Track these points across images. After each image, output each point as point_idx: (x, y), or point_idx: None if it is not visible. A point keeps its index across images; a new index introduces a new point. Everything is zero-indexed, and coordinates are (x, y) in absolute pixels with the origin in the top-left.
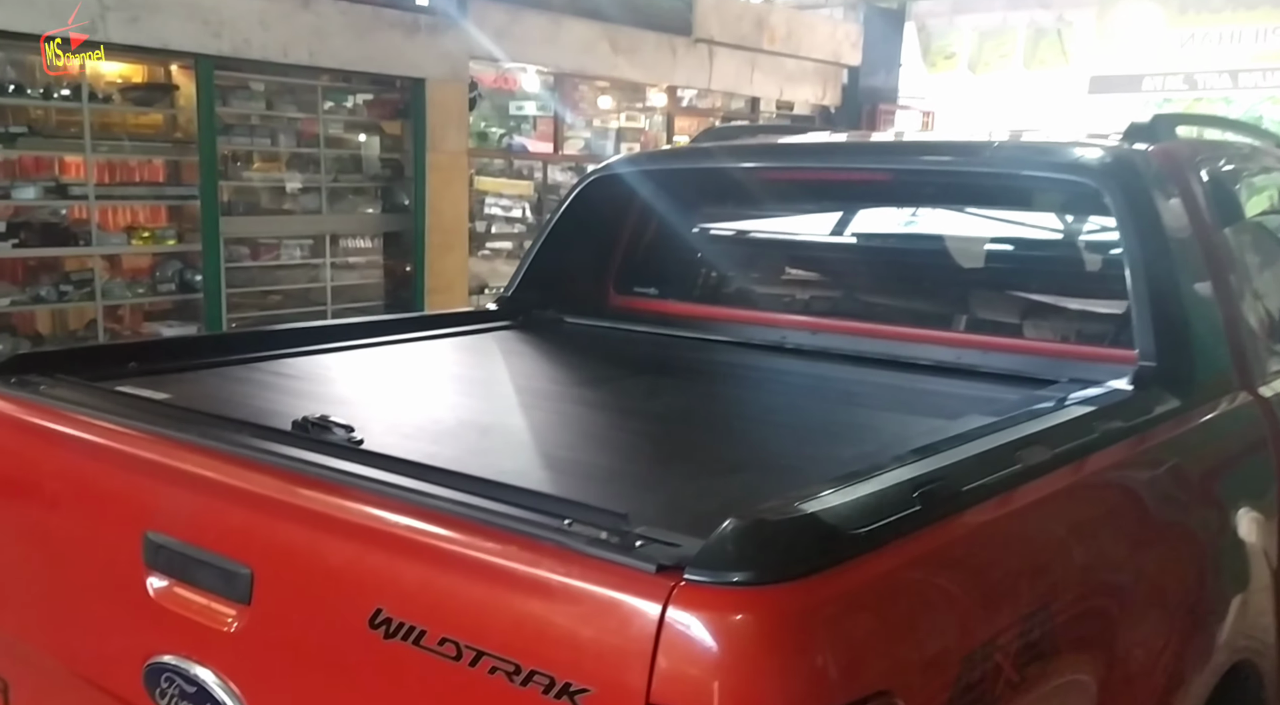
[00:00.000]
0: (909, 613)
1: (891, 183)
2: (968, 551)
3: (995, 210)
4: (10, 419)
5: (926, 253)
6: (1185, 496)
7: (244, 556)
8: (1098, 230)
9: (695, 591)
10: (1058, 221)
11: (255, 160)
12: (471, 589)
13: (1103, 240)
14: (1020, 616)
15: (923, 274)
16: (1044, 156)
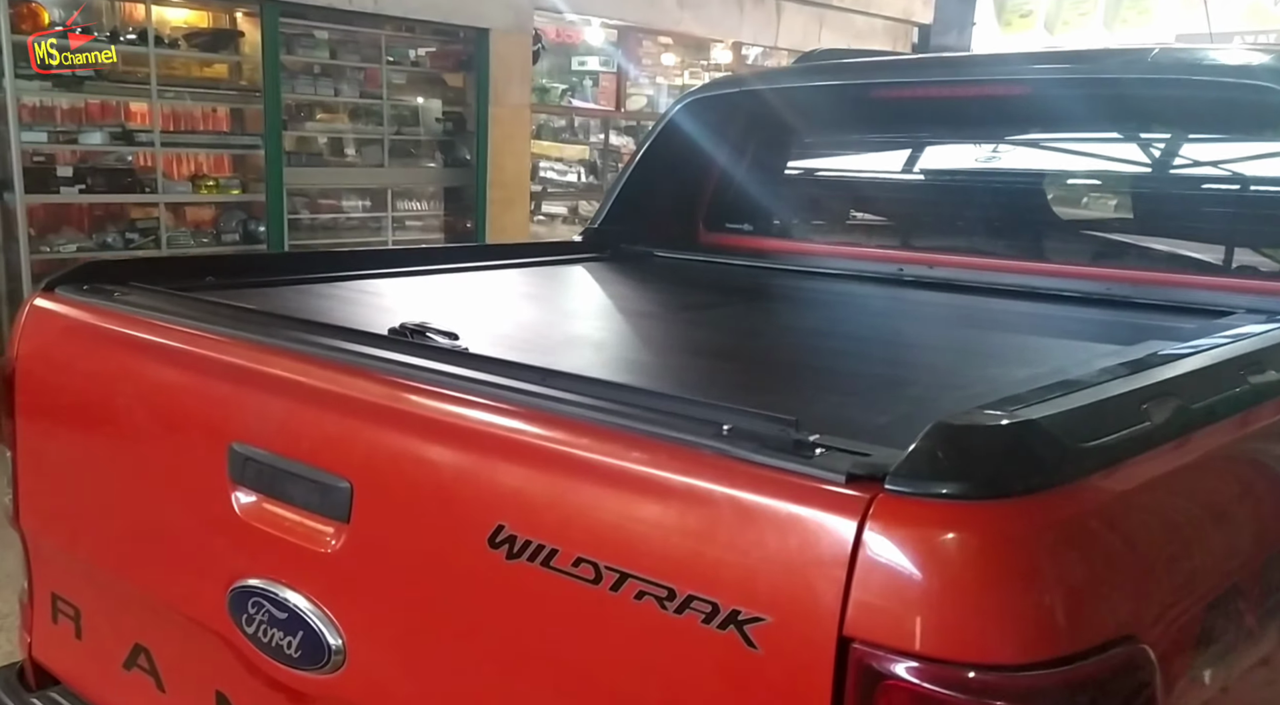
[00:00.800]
0: (1151, 544)
1: (1030, 99)
2: (1208, 477)
3: (1151, 130)
4: (83, 325)
5: (1063, 180)
6: None
7: (342, 469)
8: (1269, 150)
9: (900, 505)
10: (1222, 141)
11: (318, 111)
12: (615, 503)
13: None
14: (1267, 556)
15: (1058, 203)
16: (1223, 62)
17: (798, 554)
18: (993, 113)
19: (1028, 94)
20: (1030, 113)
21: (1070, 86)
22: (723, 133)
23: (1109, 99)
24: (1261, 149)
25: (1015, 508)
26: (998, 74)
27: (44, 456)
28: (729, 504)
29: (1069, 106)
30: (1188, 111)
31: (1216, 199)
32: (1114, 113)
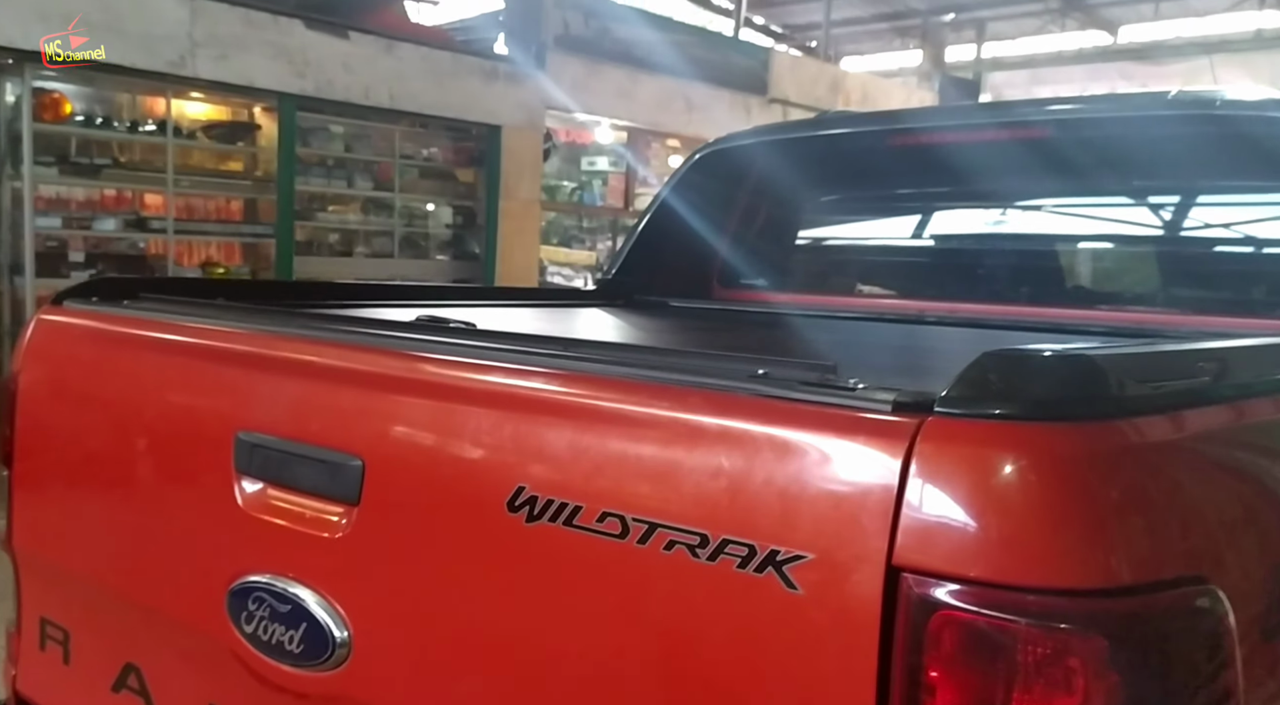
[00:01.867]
0: (1215, 493)
1: (1063, 142)
2: (1269, 442)
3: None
4: (92, 331)
5: (1087, 225)
6: None
7: (353, 447)
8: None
9: (951, 426)
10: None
11: (330, 203)
12: (638, 454)
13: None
14: None
15: (1085, 250)
16: (1252, 98)
17: (840, 486)
18: (1014, 158)
19: (1050, 137)
20: (1053, 157)
21: (1096, 127)
22: (740, 184)
23: (1138, 141)
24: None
25: (1075, 431)
26: (1018, 118)
27: (44, 472)
28: (765, 442)
29: (1101, 157)
30: (1214, 151)
31: (1241, 243)
32: (1144, 155)
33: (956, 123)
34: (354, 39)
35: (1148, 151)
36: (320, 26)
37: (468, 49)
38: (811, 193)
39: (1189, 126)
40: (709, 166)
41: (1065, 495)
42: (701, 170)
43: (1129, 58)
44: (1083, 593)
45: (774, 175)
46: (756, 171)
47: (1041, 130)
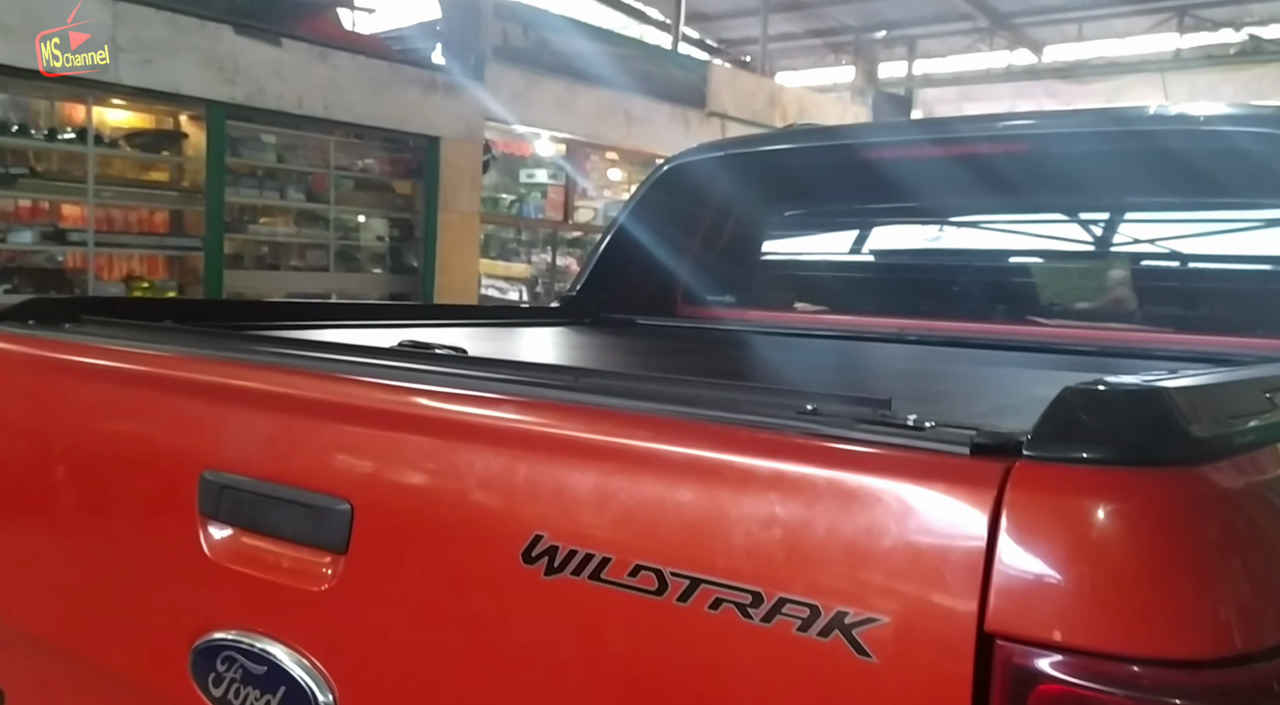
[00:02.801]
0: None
1: (1029, 156)
2: None
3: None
4: (29, 358)
5: (1062, 241)
6: None
7: (340, 489)
8: None
9: (1043, 472)
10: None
11: (262, 214)
12: (677, 500)
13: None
14: None
15: (1063, 266)
16: (1233, 113)
17: (918, 539)
18: (985, 174)
19: (1023, 152)
20: (1027, 172)
21: (1069, 142)
22: (701, 200)
23: (1109, 154)
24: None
25: (1185, 476)
26: (989, 132)
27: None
28: (826, 488)
29: (1073, 170)
30: (1193, 167)
31: (1228, 260)
32: (1114, 168)
33: (923, 137)
34: (286, 46)
35: (1127, 167)
36: (251, 33)
37: (405, 58)
38: (774, 208)
39: (1170, 141)
40: (671, 182)
41: (1180, 551)
42: (663, 186)
43: (1054, 76)
44: (1203, 663)
45: (735, 191)
46: (718, 187)
47: (1014, 145)
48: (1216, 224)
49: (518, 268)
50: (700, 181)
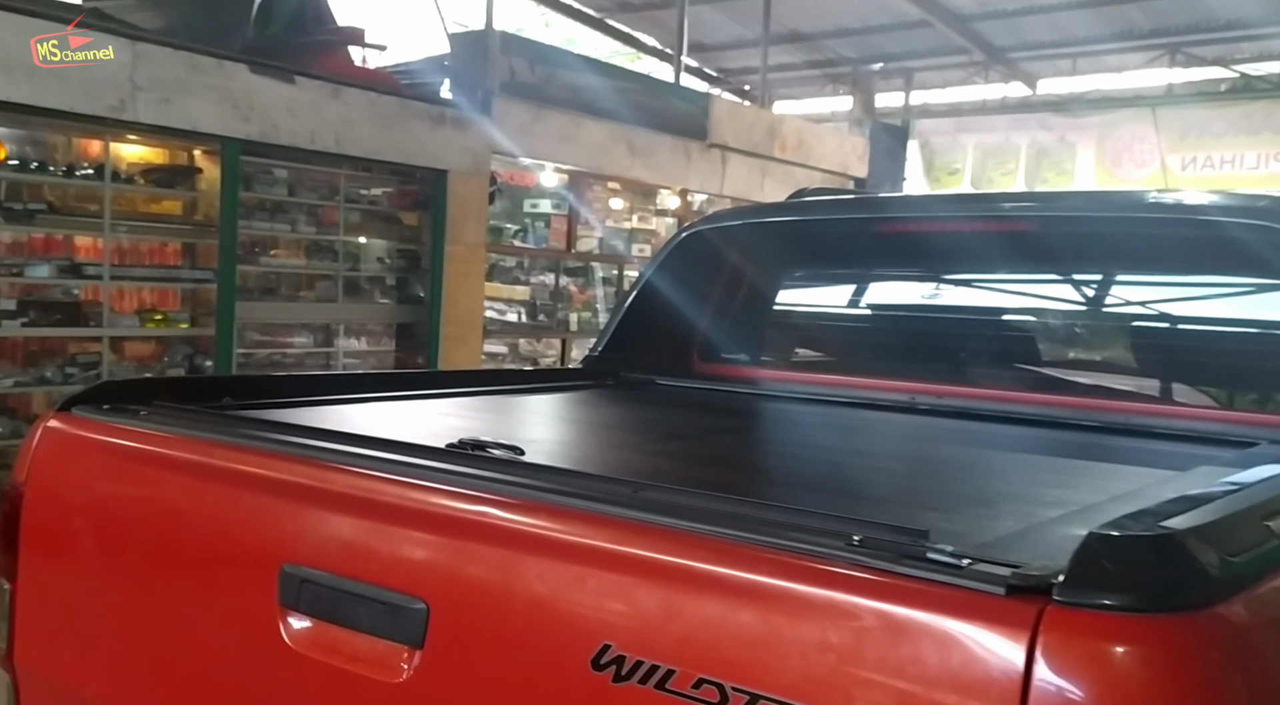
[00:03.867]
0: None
1: (1036, 236)
2: None
3: (1147, 268)
4: (109, 446)
5: (1067, 314)
6: None
7: (417, 589)
8: (1268, 287)
9: (1071, 618)
10: (1220, 277)
11: (273, 246)
12: (738, 620)
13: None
14: None
15: (1068, 337)
16: (1226, 204)
17: (960, 669)
18: (991, 249)
19: (1030, 231)
20: (1034, 249)
21: (1070, 226)
22: (718, 265)
23: (1111, 238)
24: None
25: (1195, 621)
26: (994, 211)
27: (53, 587)
28: (875, 619)
29: (1063, 245)
30: (1191, 251)
31: (1227, 336)
32: (1116, 251)
33: (916, 213)
34: (300, 83)
35: (1131, 247)
36: (265, 71)
37: (415, 94)
38: (782, 273)
39: (1168, 227)
40: (690, 247)
41: (1192, 687)
42: (681, 252)
43: (1048, 109)
44: None
45: (750, 256)
46: (731, 253)
47: (1015, 223)
48: (1200, 302)
49: (518, 290)
50: (714, 248)
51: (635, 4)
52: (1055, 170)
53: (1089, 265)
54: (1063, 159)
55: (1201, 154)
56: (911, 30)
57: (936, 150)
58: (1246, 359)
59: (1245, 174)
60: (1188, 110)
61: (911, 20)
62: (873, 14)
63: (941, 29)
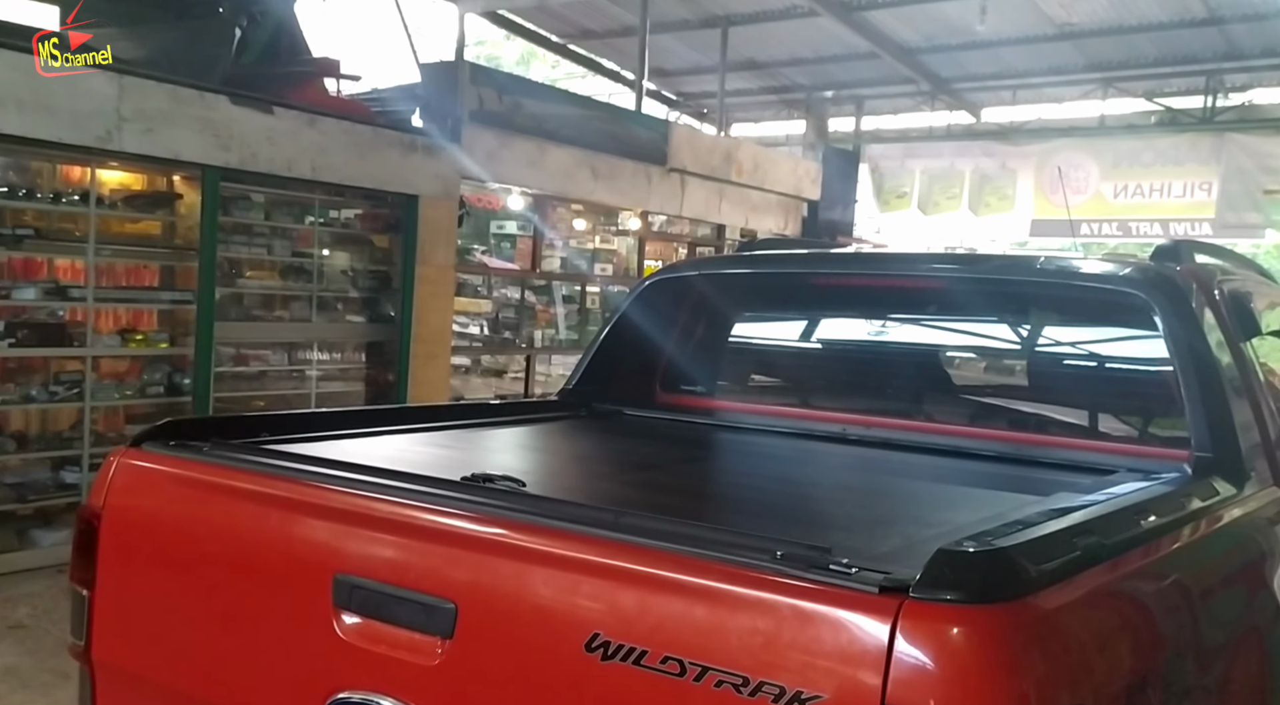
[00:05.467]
0: (1088, 642)
1: (942, 291)
2: (1121, 592)
3: (1039, 320)
4: (182, 477)
5: (973, 357)
6: (1249, 581)
7: (447, 593)
8: (1131, 339)
9: (921, 608)
10: (1095, 331)
11: (250, 268)
12: (693, 613)
13: (1138, 347)
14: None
15: (970, 377)
16: (1096, 270)
17: (847, 646)
18: (908, 300)
19: (939, 288)
20: (939, 301)
21: (972, 284)
22: (677, 309)
23: (1004, 294)
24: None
25: (1005, 610)
26: (910, 271)
27: (130, 593)
28: (792, 611)
29: (968, 299)
30: (1067, 308)
31: (1098, 378)
32: (1009, 305)
33: (856, 270)
34: (278, 113)
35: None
36: (245, 102)
37: (387, 122)
38: (734, 317)
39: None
40: (652, 294)
41: (1002, 658)
42: (646, 297)
43: (991, 137)
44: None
45: (708, 301)
46: (689, 299)
47: (927, 281)
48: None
49: (480, 303)
50: (672, 296)
51: (597, 31)
52: (997, 195)
53: (991, 317)
54: (1004, 185)
55: (1132, 182)
56: (862, 61)
57: (885, 174)
58: (1113, 397)
59: (1172, 201)
60: (1119, 141)
61: (862, 52)
62: (825, 45)
63: (890, 61)
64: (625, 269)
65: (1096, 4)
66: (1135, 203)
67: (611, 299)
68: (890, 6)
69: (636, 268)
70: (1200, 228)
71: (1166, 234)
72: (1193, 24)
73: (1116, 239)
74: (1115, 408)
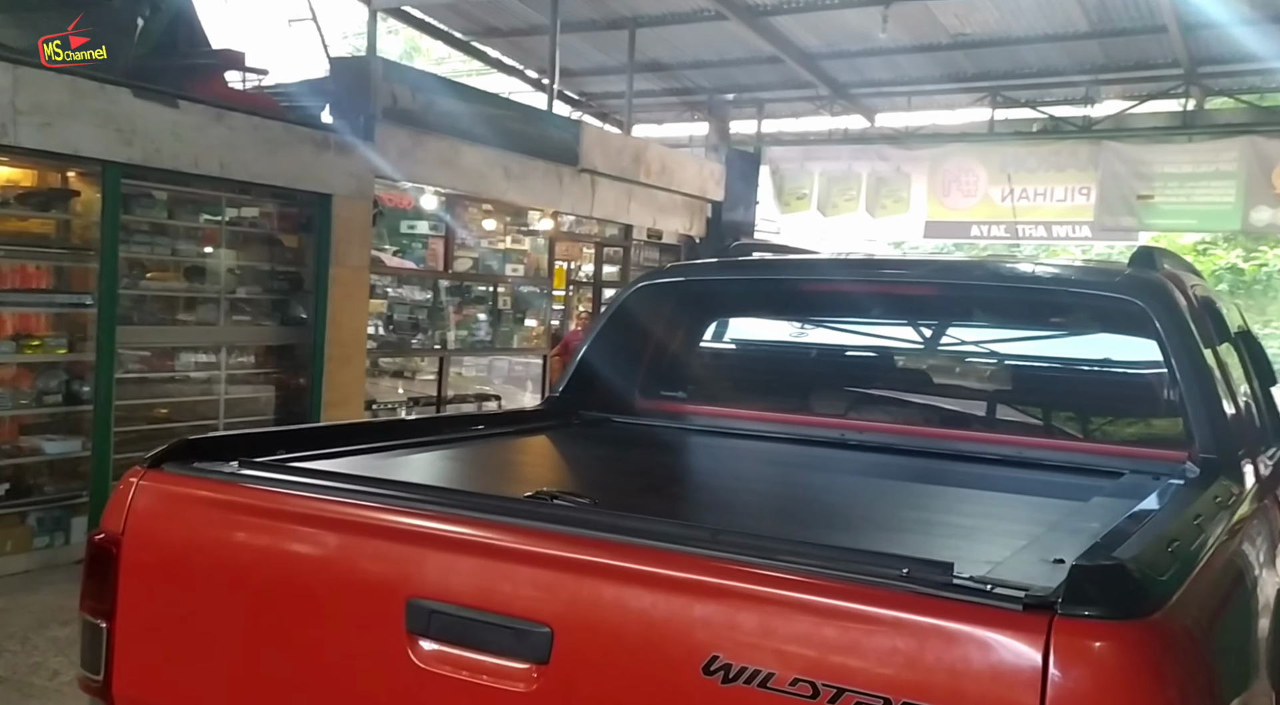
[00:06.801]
0: (1213, 649)
1: (934, 298)
2: (1219, 596)
3: (1029, 326)
4: (217, 500)
5: (966, 361)
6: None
7: (540, 616)
8: (1121, 343)
9: (1073, 626)
10: (1086, 335)
11: (154, 269)
12: (823, 633)
13: (1129, 351)
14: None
15: (963, 381)
16: (1091, 277)
17: (998, 666)
18: (885, 306)
19: (930, 295)
20: (933, 308)
21: (962, 290)
22: (661, 313)
23: (994, 301)
24: (1123, 346)
25: (1149, 624)
26: (906, 278)
27: (159, 624)
28: (932, 630)
29: (960, 306)
30: (1059, 315)
31: (1092, 382)
32: (999, 312)
33: (856, 276)
34: (184, 108)
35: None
36: (149, 95)
37: (299, 119)
38: (719, 321)
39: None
40: (637, 300)
41: (1153, 672)
42: (630, 304)
43: (885, 141)
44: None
45: (691, 308)
46: (679, 303)
47: (927, 289)
48: (1075, 352)
49: (375, 303)
50: (660, 299)
51: (503, 29)
52: (892, 198)
53: (981, 322)
54: (899, 188)
55: (1018, 186)
56: (764, 65)
57: (786, 176)
58: (1106, 401)
59: (1055, 205)
60: (1006, 147)
61: (764, 56)
62: (729, 48)
63: (791, 65)
64: (536, 269)
65: (988, 15)
66: (1021, 205)
67: (523, 299)
68: (795, 12)
69: (547, 268)
70: (1080, 230)
71: (1050, 236)
72: (1075, 37)
73: (1005, 240)
74: (1109, 410)
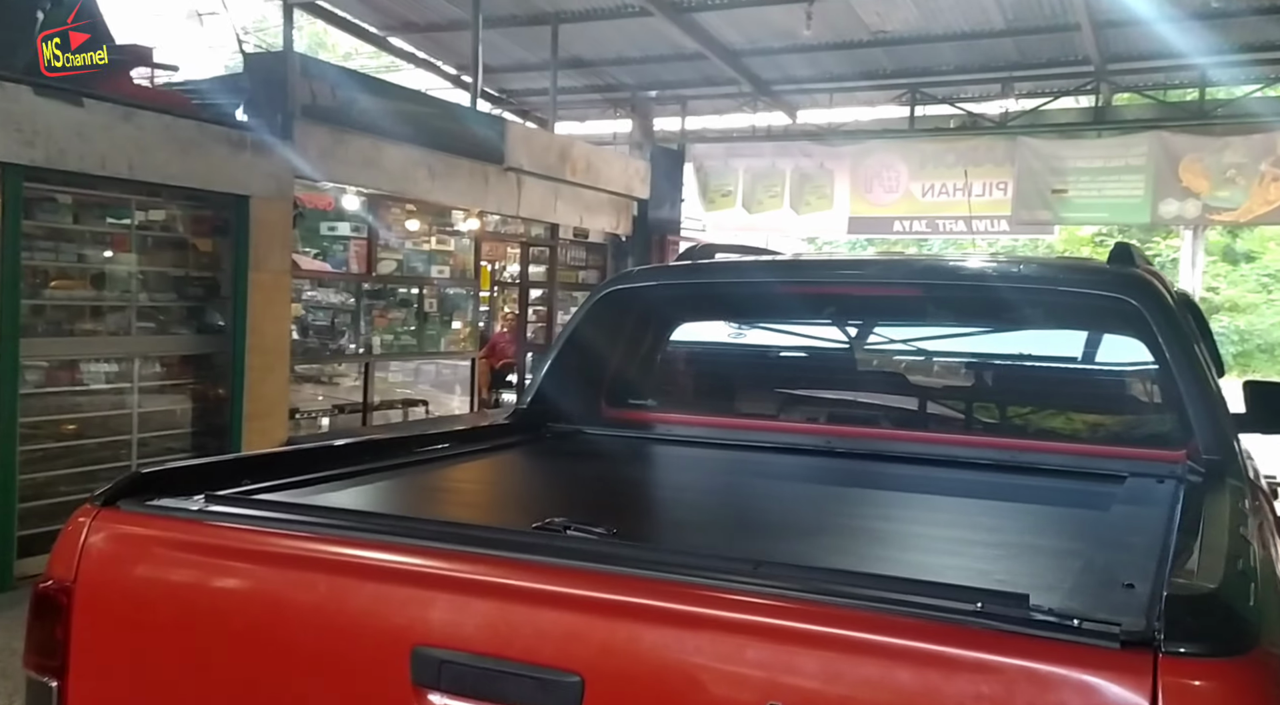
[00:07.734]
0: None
1: (920, 299)
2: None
3: (1015, 326)
4: (184, 542)
5: (952, 361)
6: None
7: (568, 664)
8: (1110, 342)
9: (1180, 666)
10: (1077, 335)
11: (59, 277)
12: (896, 678)
13: (1118, 350)
14: None
15: (948, 382)
16: (1082, 275)
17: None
18: (864, 308)
19: (915, 295)
20: (918, 310)
21: (946, 291)
22: (627, 319)
23: (982, 301)
24: (1120, 344)
25: (1252, 661)
26: (866, 277)
27: (120, 682)
28: (1019, 672)
29: (943, 307)
30: (1050, 314)
31: (1085, 382)
32: (987, 312)
33: (836, 277)
34: (89, 106)
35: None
36: (51, 93)
37: (213, 117)
38: (687, 326)
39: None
40: (602, 307)
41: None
42: (596, 311)
43: (808, 138)
44: None
45: (659, 312)
46: (643, 308)
47: (910, 290)
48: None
49: (317, 314)
50: (627, 304)
51: (419, 24)
52: (816, 194)
53: (966, 323)
54: (823, 184)
55: (938, 182)
56: (686, 62)
57: (710, 173)
58: (1105, 401)
59: (973, 200)
60: (925, 143)
61: (688, 53)
62: (652, 45)
63: (715, 62)
64: (462, 270)
65: (908, 13)
66: (941, 201)
67: (449, 301)
68: (720, 9)
69: (474, 269)
70: (999, 224)
71: (970, 230)
72: (991, 34)
73: (927, 235)
74: (1100, 411)
